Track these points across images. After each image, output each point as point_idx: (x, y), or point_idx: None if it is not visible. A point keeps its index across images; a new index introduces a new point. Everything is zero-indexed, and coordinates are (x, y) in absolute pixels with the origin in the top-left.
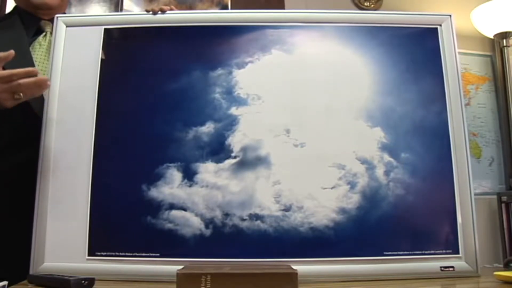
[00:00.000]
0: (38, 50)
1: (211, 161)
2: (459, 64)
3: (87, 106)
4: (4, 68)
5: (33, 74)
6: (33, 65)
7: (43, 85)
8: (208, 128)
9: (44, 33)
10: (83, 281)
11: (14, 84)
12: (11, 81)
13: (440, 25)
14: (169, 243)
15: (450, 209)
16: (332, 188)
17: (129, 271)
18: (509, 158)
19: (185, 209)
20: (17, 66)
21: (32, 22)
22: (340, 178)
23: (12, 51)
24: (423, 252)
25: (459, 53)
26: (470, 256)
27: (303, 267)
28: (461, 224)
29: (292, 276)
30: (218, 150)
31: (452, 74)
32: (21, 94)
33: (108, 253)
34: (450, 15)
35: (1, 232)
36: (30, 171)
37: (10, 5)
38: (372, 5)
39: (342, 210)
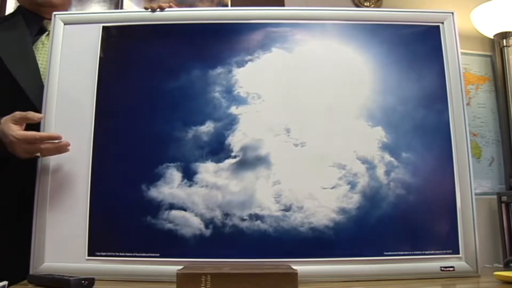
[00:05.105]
0: (41, 49)
1: (211, 161)
2: (461, 62)
3: (85, 104)
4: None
5: (56, 139)
6: (36, 65)
7: (62, 149)
8: (207, 127)
9: (47, 32)
10: (83, 281)
11: (36, 146)
12: (34, 143)
13: (442, 23)
14: (169, 243)
15: (450, 209)
16: (332, 188)
17: (129, 271)
18: (509, 158)
19: (185, 209)
20: (21, 66)
21: (35, 21)
22: (340, 178)
23: (41, 115)
24: (423, 252)
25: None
26: (470, 256)
27: (303, 267)
28: (461, 224)
29: (292, 276)
30: (218, 149)
31: (454, 72)
32: (39, 154)
33: (108, 253)
34: (452, 13)
35: (1, 232)
36: (29, 171)
37: (10, 5)
38: (372, 5)
39: (342, 210)
